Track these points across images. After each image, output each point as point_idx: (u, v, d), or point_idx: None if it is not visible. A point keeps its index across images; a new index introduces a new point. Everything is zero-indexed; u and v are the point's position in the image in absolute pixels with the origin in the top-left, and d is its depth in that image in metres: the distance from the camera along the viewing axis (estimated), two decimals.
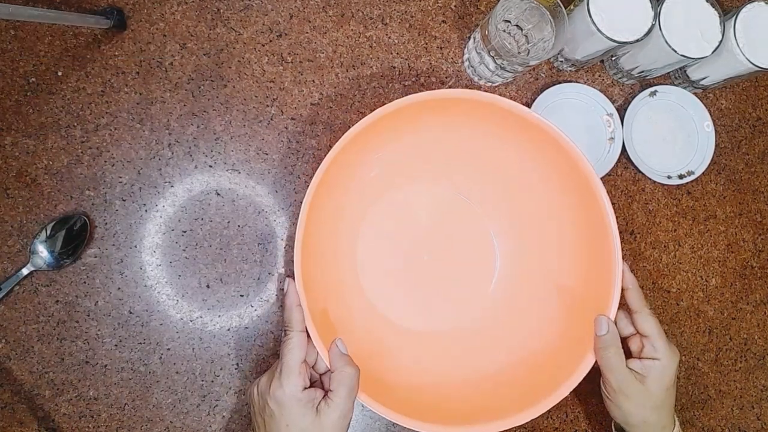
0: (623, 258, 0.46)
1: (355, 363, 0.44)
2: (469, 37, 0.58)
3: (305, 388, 0.42)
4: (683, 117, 0.60)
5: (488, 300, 0.55)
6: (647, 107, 0.60)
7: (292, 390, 0.41)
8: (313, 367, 0.45)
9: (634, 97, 0.59)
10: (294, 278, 0.44)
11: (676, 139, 0.60)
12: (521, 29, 0.53)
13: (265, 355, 0.54)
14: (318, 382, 0.45)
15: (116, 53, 0.54)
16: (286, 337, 0.44)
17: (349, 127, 0.44)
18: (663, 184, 0.60)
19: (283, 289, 0.54)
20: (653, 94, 0.60)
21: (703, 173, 0.60)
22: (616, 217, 0.45)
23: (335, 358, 0.44)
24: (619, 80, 0.60)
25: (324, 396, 0.43)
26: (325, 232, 0.50)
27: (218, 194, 0.54)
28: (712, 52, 0.52)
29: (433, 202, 0.55)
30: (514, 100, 0.56)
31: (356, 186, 0.52)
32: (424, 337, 0.53)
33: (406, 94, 0.45)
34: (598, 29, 0.49)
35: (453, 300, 0.55)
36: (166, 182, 0.54)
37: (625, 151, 0.58)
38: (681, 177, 0.60)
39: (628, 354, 0.48)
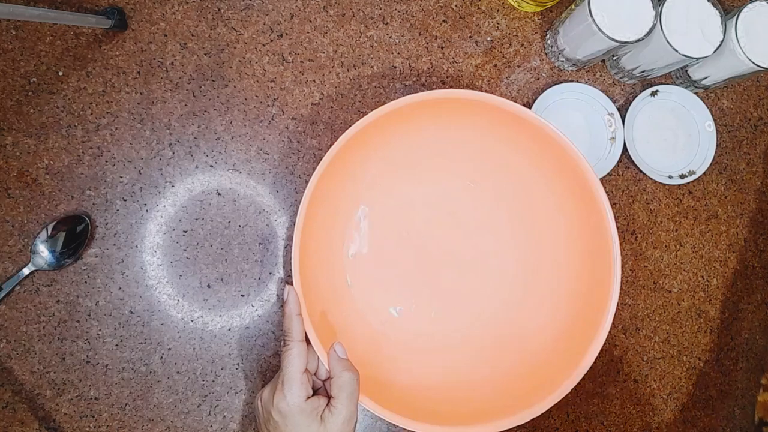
0: (624, 258, 0.45)
1: (355, 367, 0.44)
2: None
3: (308, 398, 0.42)
4: (685, 117, 0.60)
5: (487, 301, 0.55)
6: (648, 107, 0.60)
7: (295, 401, 0.41)
8: (315, 374, 0.45)
9: (636, 96, 0.59)
10: (294, 285, 0.44)
11: (677, 139, 0.60)
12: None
13: (266, 355, 0.54)
14: (321, 389, 0.45)
15: (117, 53, 0.54)
16: (285, 348, 0.43)
17: (350, 127, 0.44)
18: (664, 184, 0.60)
19: (281, 295, 0.53)
20: (654, 93, 0.60)
21: (704, 173, 0.60)
22: (618, 217, 0.45)
23: (334, 363, 0.43)
24: (621, 80, 0.60)
25: (327, 403, 0.42)
26: (324, 233, 0.50)
27: (219, 194, 0.54)
28: (714, 52, 0.52)
29: (432, 202, 0.55)
30: (515, 100, 0.56)
31: (355, 186, 0.52)
32: (423, 339, 0.53)
33: (407, 94, 0.45)
34: (599, 29, 0.49)
35: (452, 301, 0.55)
36: (167, 182, 0.54)
37: (627, 150, 0.58)
38: (682, 177, 0.59)
39: None
